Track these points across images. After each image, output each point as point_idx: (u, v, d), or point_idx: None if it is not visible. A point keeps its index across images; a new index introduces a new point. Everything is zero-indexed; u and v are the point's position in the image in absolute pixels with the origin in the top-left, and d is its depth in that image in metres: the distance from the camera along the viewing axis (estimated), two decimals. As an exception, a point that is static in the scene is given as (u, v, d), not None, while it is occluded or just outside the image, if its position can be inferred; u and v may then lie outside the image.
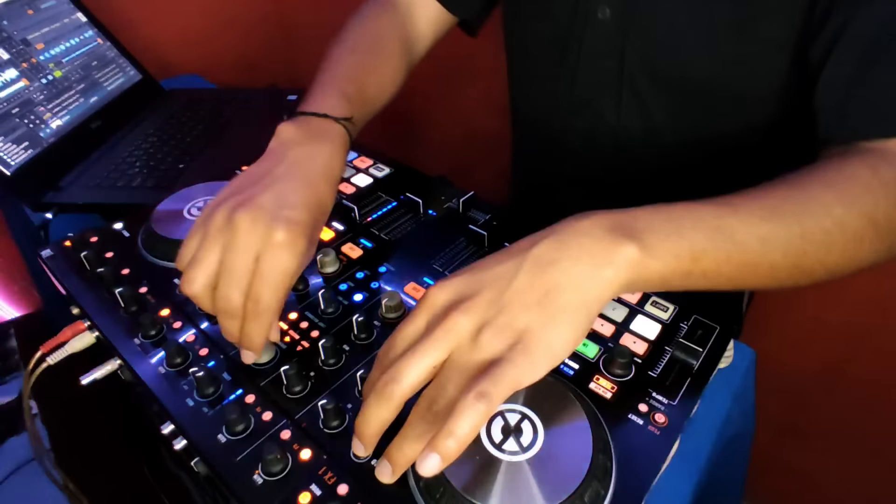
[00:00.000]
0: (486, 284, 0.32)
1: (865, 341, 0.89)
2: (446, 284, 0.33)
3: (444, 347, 0.31)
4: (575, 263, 0.31)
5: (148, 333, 0.44)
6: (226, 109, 0.90)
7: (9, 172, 0.69)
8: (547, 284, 0.31)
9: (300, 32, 1.39)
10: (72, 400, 0.87)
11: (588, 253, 0.32)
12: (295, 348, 0.43)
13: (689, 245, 0.33)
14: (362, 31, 0.60)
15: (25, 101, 0.76)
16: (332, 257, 0.50)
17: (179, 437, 0.39)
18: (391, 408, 0.31)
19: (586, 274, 0.31)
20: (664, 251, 0.33)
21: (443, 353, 0.31)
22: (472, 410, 0.28)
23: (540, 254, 0.32)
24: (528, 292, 0.31)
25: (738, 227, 0.35)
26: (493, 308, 0.31)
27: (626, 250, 0.32)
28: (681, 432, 0.38)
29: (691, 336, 0.44)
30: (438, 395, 0.30)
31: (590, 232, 0.32)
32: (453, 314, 0.31)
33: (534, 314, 0.31)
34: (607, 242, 0.32)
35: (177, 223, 0.54)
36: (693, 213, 0.35)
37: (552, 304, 0.31)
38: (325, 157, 0.44)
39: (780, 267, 0.36)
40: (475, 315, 0.31)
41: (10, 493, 1.00)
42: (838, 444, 1.01)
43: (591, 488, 0.32)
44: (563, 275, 0.31)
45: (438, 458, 0.28)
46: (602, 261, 0.32)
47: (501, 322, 0.30)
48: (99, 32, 0.92)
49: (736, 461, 0.56)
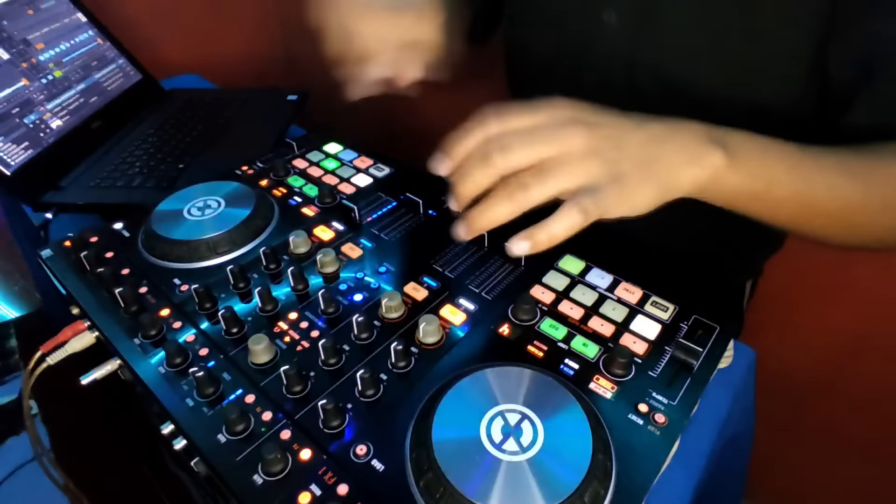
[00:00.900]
0: (610, 124, 0.37)
1: (865, 341, 0.89)
2: (574, 103, 0.38)
3: (557, 148, 0.36)
4: (677, 151, 0.37)
5: (148, 333, 0.44)
6: (226, 109, 0.90)
7: (9, 172, 0.69)
8: (654, 153, 0.37)
9: (300, 32, 1.39)
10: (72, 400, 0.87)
11: (688, 148, 0.38)
12: (295, 348, 0.43)
13: (767, 172, 0.39)
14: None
15: (25, 101, 0.76)
16: (332, 257, 0.50)
17: (179, 437, 0.39)
18: (490, 173, 0.36)
19: (681, 163, 0.37)
20: (745, 169, 0.38)
21: (554, 152, 0.35)
22: (570, 218, 0.35)
23: (657, 131, 0.38)
24: (639, 150, 0.37)
25: (814, 171, 0.40)
26: (608, 142, 0.36)
27: (716, 157, 0.37)
28: (681, 432, 0.38)
29: (691, 336, 0.44)
30: (534, 181, 0.35)
31: (695, 134, 0.38)
32: (576, 126, 0.36)
33: (635, 167, 0.36)
34: (705, 147, 0.38)
35: (177, 223, 0.54)
36: (781, 148, 0.40)
37: (650, 170, 0.36)
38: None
39: (835, 217, 0.41)
40: (593, 139, 0.36)
41: (10, 493, 1.00)
42: (838, 444, 1.01)
43: (591, 488, 0.32)
44: (665, 154, 0.37)
45: (529, 244, 0.36)
46: (695, 159, 0.37)
47: (611, 157, 0.36)
48: (99, 32, 0.92)
49: (736, 461, 0.57)
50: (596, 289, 0.48)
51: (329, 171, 0.65)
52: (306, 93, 0.95)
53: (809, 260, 0.87)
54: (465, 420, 0.35)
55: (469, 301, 0.47)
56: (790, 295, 0.93)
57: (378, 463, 0.35)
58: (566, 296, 0.47)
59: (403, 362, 0.41)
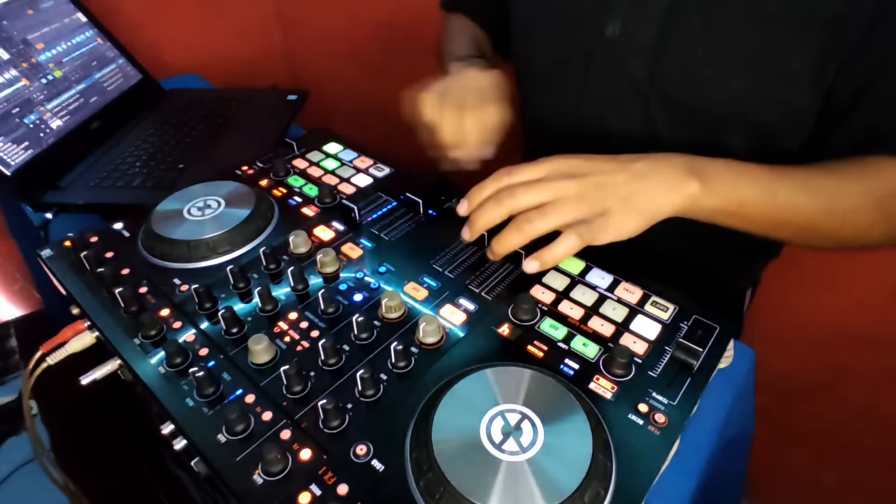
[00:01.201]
0: (596, 172, 0.46)
1: (865, 341, 0.89)
2: (569, 160, 0.47)
3: (555, 195, 0.45)
4: (656, 183, 0.45)
5: (148, 333, 0.44)
6: (226, 109, 0.90)
7: (9, 172, 0.69)
8: (635, 189, 0.45)
9: (300, 32, 1.39)
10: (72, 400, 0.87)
11: (667, 181, 0.45)
12: (295, 348, 0.43)
13: (739, 195, 0.46)
14: (449, 27, 0.78)
15: (25, 101, 0.76)
16: (332, 257, 0.50)
17: (179, 437, 0.39)
18: (501, 212, 0.47)
19: (661, 192, 0.45)
20: (719, 193, 0.46)
21: (552, 197, 0.45)
22: (569, 241, 0.45)
23: (640, 168, 0.46)
24: (622, 188, 0.45)
25: (780, 191, 0.47)
26: (595, 187, 0.45)
27: (692, 185, 0.45)
28: (681, 432, 0.38)
29: (691, 336, 0.44)
30: (537, 217, 0.45)
31: (675, 167, 0.46)
32: (569, 180, 0.46)
33: (619, 203, 0.45)
34: (682, 177, 0.45)
35: (177, 223, 0.54)
36: (754, 172, 0.47)
37: (632, 203, 0.45)
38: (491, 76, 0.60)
39: (801, 228, 0.49)
40: (583, 186, 0.45)
41: (10, 493, 1.00)
42: (838, 444, 1.01)
43: (591, 488, 0.32)
44: (645, 188, 0.45)
45: (538, 263, 0.47)
46: (673, 188, 0.45)
47: (597, 198, 0.45)
48: (99, 32, 0.92)
49: (736, 461, 0.56)
50: (596, 289, 0.48)
51: (329, 171, 0.65)
52: (306, 93, 0.95)
53: (809, 262, 0.87)
54: (465, 420, 0.35)
55: (469, 301, 0.47)
56: (790, 296, 0.93)
57: (378, 463, 0.35)
58: (566, 296, 0.47)
59: (403, 362, 0.41)
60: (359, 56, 1.31)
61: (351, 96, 1.37)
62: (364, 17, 1.24)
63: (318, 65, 1.39)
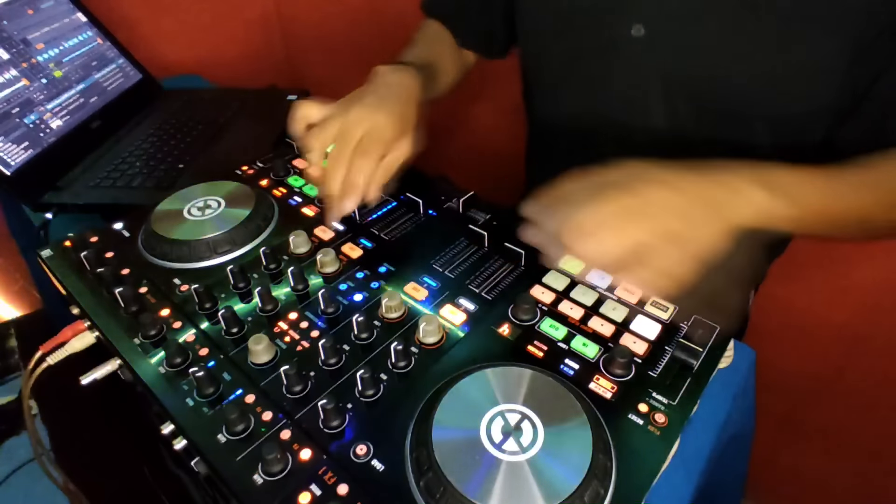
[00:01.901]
0: (667, 212, 0.41)
1: (865, 341, 0.89)
2: (628, 197, 0.41)
3: (628, 244, 0.40)
4: (728, 207, 0.42)
5: (148, 333, 0.44)
6: (226, 109, 0.90)
7: (9, 172, 0.69)
8: (708, 219, 0.42)
9: (300, 32, 1.39)
10: (72, 400, 0.87)
11: (736, 202, 0.42)
12: (295, 348, 0.43)
13: (803, 198, 0.44)
14: (424, 33, 0.75)
15: (25, 101, 0.76)
16: (332, 257, 0.50)
17: (179, 437, 0.39)
18: (561, 255, 0.43)
19: (733, 214, 0.42)
20: (787, 201, 0.44)
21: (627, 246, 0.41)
22: (657, 287, 0.41)
23: (707, 193, 0.42)
24: (697, 223, 0.41)
25: (837, 190, 0.46)
26: (668, 237, 0.40)
27: (762, 200, 0.43)
28: (681, 432, 0.38)
29: (691, 336, 0.44)
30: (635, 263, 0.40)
31: (740, 184, 0.43)
32: (641, 222, 0.40)
33: (695, 238, 0.41)
34: (750, 193, 0.43)
35: (177, 223, 0.54)
36: (811, 176, 0.46)
37: (707, 231, 0.41)
38: (404, 79, 0.58)
39: (855, 221, 0.48)
40: (655, 234, 0.40)
41: (10, 493, 1.00)
42: (838, 444, 1.01)
43: (591, 488, 0.32)
44: (718, 214, 0.42)
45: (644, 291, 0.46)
46: (743, 206, 0.43)
47: (674, 247, 0.40)
48: (99, 32, 0.92)
49: (736, 461, 0.56)
50: (596, 289, 0.48)
51: (329, 171, 0.65)
52: (306, 93, 0.95)
53: (809, 261, 0.87)
54: (465, 420, 0.35)
55: (469, 301, 0.47)
56: (790, 296, 0.93)
57: (378, 463, 0.35)
58: (566, 296, 0.47)
59: (403, 362, 0.41)
60: (359, 56, 1.31)
61: (351, 96, 1.37)
62: (364, 17, 1.24)
63: (318, 65, 1.39)
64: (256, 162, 0.67)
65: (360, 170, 0.50)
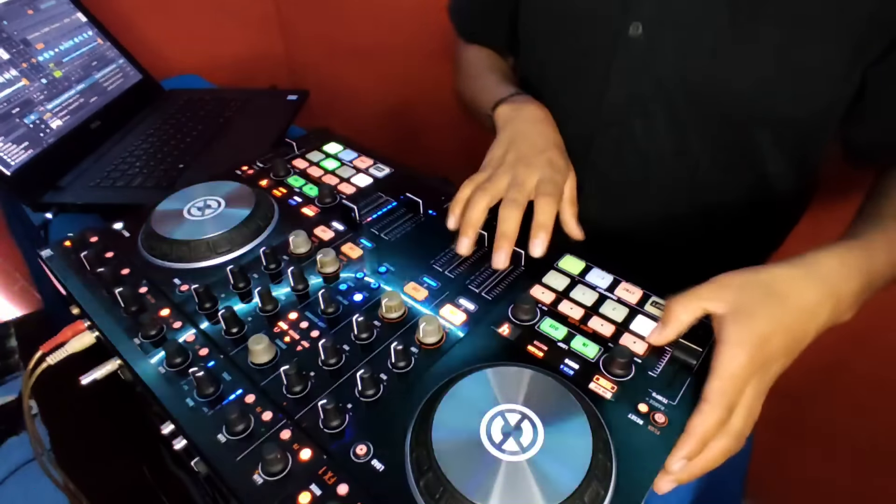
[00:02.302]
0: (769, 363, 0.40)
1: (865, 342, 0.89)
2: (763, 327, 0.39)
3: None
4: (816, 331, 0.43)
5: (148, 333, 0.44)
6: (226, 109, 0.90)
7: (9, 172, 0.69)
8: (800, 345, 0.42)
9: (300, 32, 1.39)
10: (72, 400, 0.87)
11: (824, 323, 0.43)
12: (295, 348, 0.43)
13: (871, 274, 0.45)
14: (471, 60, 0.77)
15: (25, 101, 0.76)
16: (332, 257, 0.50)
17: (179, 437, 0.39)
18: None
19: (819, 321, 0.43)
20: (858, 296, 0.45)
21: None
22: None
23: (798, 330, 0.42)
24: (791, 350, 0.42)
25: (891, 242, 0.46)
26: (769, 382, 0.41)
27: (841, 310, 0.44)
28: (681, 432, 0.38)
29: (691, 336, 0.44)
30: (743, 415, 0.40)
31: (825, 312, 0.43)
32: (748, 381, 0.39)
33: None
34: (835, 312, 0.43)
35: (177, 223, 0.54)
36: (868, 244, 0.46)
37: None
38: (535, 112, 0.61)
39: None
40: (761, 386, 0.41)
41: (10, 493, 1.01)
42: (838, 444, 1.01)
43: (591, 488, 0.32)
44: (806, 341, 0.43)
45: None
46: (830, 321, 0.44)
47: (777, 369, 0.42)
48: (99, 32, 0.92)
49: (736, 461, 0.56)
50: (596, 289, 0.48)
51: (329, 171, 0.65)
52: (306, 93, 0.95)
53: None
54: (465, 420, 0.35)
55: (469, 301, 0.47)
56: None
57: (378, 463, 0.35)
58: (566, 296, 0.47)
59: (403, 362, 0.41)
60: (359, 56, 1.31)
61: (351, 96, 1.37)
62: (364, 17, 1.24)
63: (318, 65, 1.39)
64: (256, 162, 0.67)
65: (545, 211, 0.51)
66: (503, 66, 0.76)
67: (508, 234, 0.49)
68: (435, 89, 1.22)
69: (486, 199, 0.51)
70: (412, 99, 1.29)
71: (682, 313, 0.41)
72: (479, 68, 0.75)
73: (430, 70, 1.14)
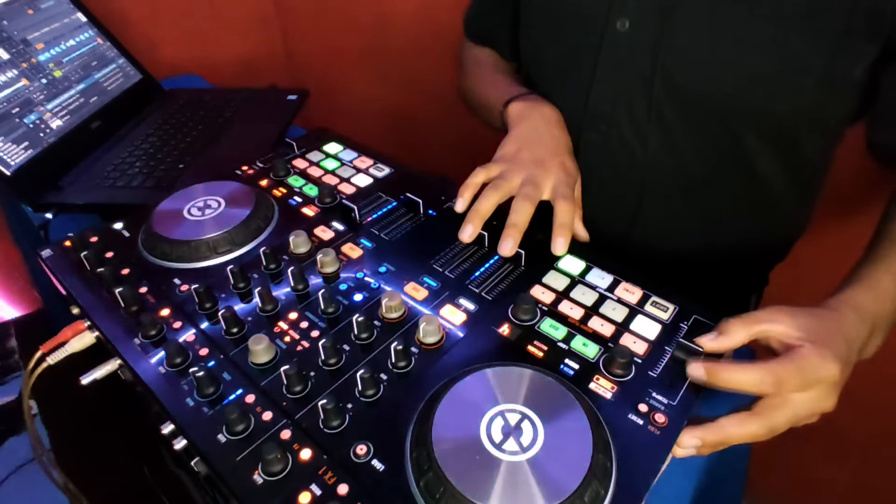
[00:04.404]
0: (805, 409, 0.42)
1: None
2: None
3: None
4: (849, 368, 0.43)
5: (148, 333, 0.44)
6: (226, 109, 0.90)
7: (9, 172, 0.69)
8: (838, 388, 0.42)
9: (300, 32, 1.39)
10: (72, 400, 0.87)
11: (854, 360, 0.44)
12: (295, 348, 0.43)
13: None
14: (479, 59, 0.79)
15: (25, 101, 0.76)
16: (332, 257, 0.50)
17: (179, 437, 0.39)
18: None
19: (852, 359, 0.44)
20: (884, 330, 0.49)
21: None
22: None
23: (829, 379, 0.41)
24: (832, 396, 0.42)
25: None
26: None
27: (872, 344, 0.48)
28: (681, 432, 0.38)
29: (691, 336, 0.44)
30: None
31: (851, 354, 0.43)
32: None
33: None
34: (861, 350, 0.46)
35: (177, 223, 0.54)
36: (883, 276, 0.50)
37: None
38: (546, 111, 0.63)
39: None
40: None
41: (10, 493, 1.01)
42: (838, 443, 1.01)
43: (591, 488, 0.32)
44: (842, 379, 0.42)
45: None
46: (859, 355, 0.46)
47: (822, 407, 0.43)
48: (99, 32, 0.92)
49: (736, 461, 0.57)
50: (596, 289, 0.48)
51: (329, 171, 0.65)
52: (306, 93, 0.95)
53: (810, 263, 0.87)
54: (465, 420, 0.35)
55: (469, 301, 0.47)
56: (790, 299, 0.93)
57: (378, 463, 0.35)
58: (566, 296, 0.47)
59: (403, 362, 0.41)
60: (359, 56, 1.31)
61: (351, 96, 1.37)
62: (364, 17, 1.24)
63: (318, 65, 1.39)
64: (256, 162, 0.67)
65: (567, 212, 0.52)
66: (509, 68, 0.78)
67: (519, 224, 0.51)
68: (435, 89, 1.22)
69: (499, 195, 0.53)
70: (412, 99, 1.29)
71: (739, 331, 0.42)
72: (488, 67, 0.76)
73: (430, 70, 1.14)
